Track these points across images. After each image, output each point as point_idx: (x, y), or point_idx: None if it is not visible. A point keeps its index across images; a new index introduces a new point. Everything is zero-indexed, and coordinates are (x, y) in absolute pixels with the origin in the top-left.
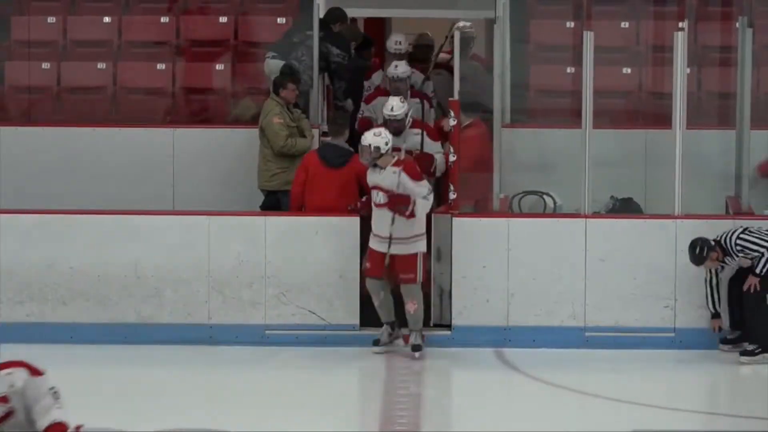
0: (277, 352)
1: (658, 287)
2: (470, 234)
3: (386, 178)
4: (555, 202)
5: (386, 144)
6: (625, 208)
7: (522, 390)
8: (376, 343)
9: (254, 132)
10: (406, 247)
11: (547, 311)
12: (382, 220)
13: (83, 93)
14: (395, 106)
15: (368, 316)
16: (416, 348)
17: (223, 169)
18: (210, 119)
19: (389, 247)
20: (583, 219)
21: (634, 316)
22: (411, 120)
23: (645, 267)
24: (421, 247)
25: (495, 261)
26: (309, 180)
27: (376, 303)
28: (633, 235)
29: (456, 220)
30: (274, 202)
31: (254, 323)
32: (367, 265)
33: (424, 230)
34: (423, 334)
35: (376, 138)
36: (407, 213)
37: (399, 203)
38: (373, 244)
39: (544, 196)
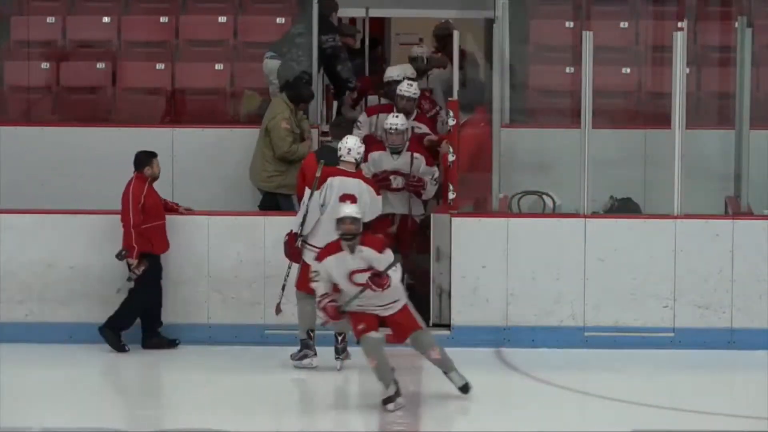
0: (277, 352)
1: (658, 287)
2: (470, 234)
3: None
4: (554, 202)
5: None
6: (624, 208)
7: (521, 390)
8: None
9: (254, 132)
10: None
11: (546, 311)
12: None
13: (83, 93)
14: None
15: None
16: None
17: (223, 169)
18: (210, 119)
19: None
20: (583, 219)
21: (633, 316)
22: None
23: (644, 267)
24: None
25: (494, 261)
26: (307, 182)
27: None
28: (632, 235)
29: (455, 220)
30: (273, 204)
31: (254, 323)
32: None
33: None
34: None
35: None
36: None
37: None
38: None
39: (544, 196)
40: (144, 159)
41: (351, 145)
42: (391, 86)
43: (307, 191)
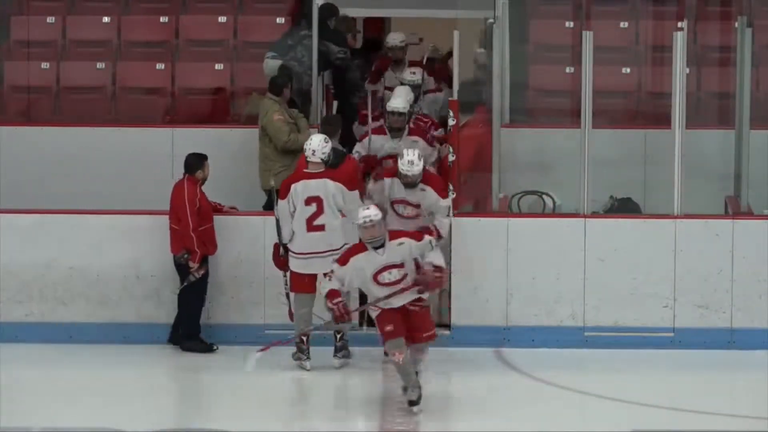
0: (277, 352)
1: (657, 287)
2: (470, 234)
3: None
4: (554, 202)
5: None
6: (624, 207)
7: (521, 390)
8: None
9: (253, 132)
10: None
11: (546, 311)
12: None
13: (82, 93)
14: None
15: (367, 315)
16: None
17: (223, 169)
18: (210, 119)
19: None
20: (583, 219)
21: (633, 315)
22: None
23: (644, 267)
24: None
25: (494, 261)
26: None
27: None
28: (632, 234)
29: (456, 220)
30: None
31: (254, 323)
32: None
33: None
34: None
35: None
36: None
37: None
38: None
39: (544, 196)
40: (196, 162)
41: (315, 146)
42: (390, 116)
43: (280, 202)
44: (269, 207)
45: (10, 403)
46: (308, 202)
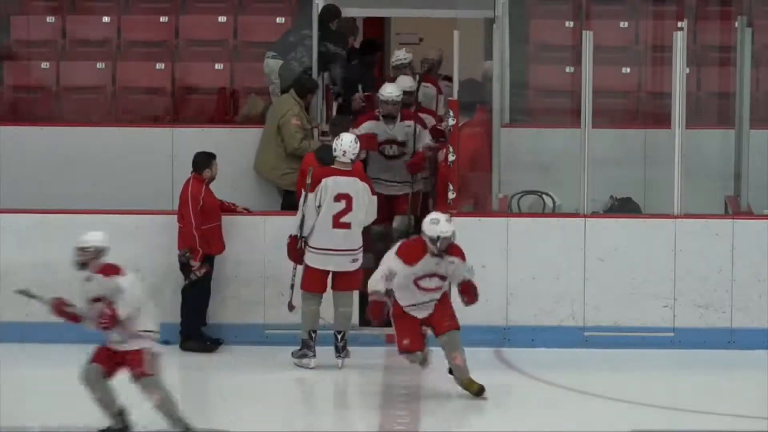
0: (277, 352)
1: (657, 287)
2: (470, 234)
3: None
4: (554, 202)
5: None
6: (624, 207)
7: (521, 390)
8: None
9: (254, 132)
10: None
11: (546, 311)
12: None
13: (82, 92)
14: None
15: (367, 316)
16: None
17: (223, 169)
18: (210, 119)
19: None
20: (582, 218)
21: (633, 315)
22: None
23: (644, 267)
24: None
25: (494, 261)
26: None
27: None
28: (632, 234)
29: (455, 220)
30: (292, 202)
31: (254, 323)
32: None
33: None
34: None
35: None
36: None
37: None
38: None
39: (543, 196)
40: (203, 161)
41: (346, 147)
42: (387, 104)
43: (303, 193)
44: (286, 205)
45: (10, 403)
46: (338, 198)
